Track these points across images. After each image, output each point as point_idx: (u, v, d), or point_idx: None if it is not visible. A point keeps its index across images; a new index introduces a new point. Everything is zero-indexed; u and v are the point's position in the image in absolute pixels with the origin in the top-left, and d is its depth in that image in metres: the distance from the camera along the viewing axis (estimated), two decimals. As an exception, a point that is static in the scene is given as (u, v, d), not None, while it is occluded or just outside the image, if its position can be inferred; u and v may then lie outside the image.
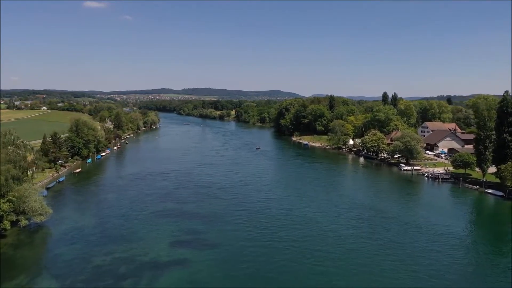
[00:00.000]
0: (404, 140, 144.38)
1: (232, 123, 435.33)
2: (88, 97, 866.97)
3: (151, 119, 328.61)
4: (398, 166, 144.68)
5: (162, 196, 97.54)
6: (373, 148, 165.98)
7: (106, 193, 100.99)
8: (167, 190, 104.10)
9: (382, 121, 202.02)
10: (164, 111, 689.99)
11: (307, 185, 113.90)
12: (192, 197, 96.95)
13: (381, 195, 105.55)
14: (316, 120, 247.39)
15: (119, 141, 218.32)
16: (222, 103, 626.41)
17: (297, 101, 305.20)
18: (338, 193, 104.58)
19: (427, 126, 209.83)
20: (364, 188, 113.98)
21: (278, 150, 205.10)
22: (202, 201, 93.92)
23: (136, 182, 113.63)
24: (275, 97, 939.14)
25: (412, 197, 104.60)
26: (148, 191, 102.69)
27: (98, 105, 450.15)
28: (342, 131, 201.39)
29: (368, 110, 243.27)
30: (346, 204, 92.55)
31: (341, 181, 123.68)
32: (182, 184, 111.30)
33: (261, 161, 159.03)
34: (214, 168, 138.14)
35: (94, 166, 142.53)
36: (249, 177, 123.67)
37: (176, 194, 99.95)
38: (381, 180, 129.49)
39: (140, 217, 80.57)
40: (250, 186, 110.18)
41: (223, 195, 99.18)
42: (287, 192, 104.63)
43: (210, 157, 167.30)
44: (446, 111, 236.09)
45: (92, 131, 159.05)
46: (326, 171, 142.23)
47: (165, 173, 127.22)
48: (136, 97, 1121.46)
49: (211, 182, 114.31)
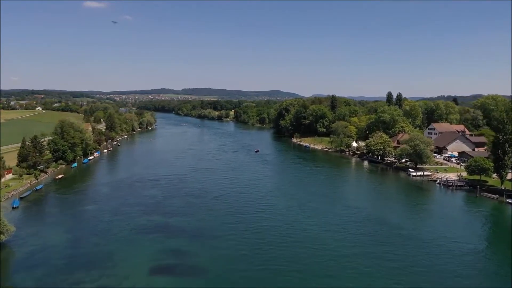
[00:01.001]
0: (412, 143, 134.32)
1: (231, 123, 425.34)
2: (87, 97, 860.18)
3: (146, 119, 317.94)
4: (407, 172, 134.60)
5: (148, 208, 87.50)
6: (378, 152, 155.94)
7: (86, 203, 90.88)
8: (155, 200, 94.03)
9: (387, 123, 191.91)
10: (163, 111, 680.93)
11: (309, 193, 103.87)
12: (181, 209, 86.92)
13: (390, 205, 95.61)
14: (317, 121, 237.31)
15: (110, 144, 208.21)
16: (221, 103, 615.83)
17: (297, 101, 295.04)
18: (343, 203, 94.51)
19: (434, 128, 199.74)
20: (372, 198, 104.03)
21: (278, 153, 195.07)
22: (193, 213, 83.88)
23: (121, 190, 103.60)
24: (275, 97, 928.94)
25: (425, 208, 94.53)
26: (133, 201, 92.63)
27: (94, 106, 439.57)
28: (345, 133, 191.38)
29: (371, 110, 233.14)
30: (353, 217, 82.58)
31: (346, 189, 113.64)
32: (172, 193, 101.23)
33: (259, 165, 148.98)
34: (208, 174, 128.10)
35: (79, 171, 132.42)
36: (246, 184, 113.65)
37: (164, 205, 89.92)
38: (389, 187, 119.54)
39: (120, 234, 70.51)
40: (246, 195, 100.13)
41: (216, 206, 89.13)
42: (287, 202, 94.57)
43: (205, 161, 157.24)
44: (454, 112, 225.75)
45: (79, 133, 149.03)
46: (329, 177, 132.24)
47: (155, 180, 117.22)
48: (136, 97, 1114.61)
49: (204, 191, 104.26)
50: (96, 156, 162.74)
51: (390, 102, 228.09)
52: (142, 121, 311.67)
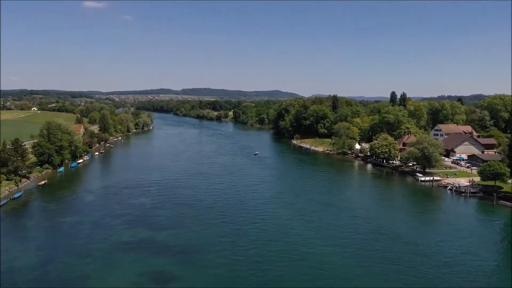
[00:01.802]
0: (420, 146, 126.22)
1: (229, 124, 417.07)
2: (86, 98, 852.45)
3: (143, 120, 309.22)
4: (414, 176, 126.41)
5: (133, 219, 79.36)
6: (383, 155, 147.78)
7: (66, 214, 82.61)
8: (142, 210, 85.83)
9: (391, 124, 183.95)
10: (162, 111, 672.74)
11: (311, 202, 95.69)
12: (170, 221, 78.76)
13: (400, 215, 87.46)
14: (318, 122, 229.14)
15: (103, 146, 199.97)
16: (221, 104, 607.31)
17: (297, 102, 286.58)
18: (348, 213, 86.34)
19: (440, 129, 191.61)
20: (379, 207, 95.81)
21: (278, 155, 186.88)
22: (182, 226, 75.71)
23: (107, 199, 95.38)
24: (275, 97, 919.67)
25: (438, 219, 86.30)
26: (118, 212, 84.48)
27: (90, 106, 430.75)
28: (347, 134, 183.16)
29: (374, 111, 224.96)
30: (360, 229, 74.47)
31: (351, 197, 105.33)
32: (161, 202, 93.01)
33: (258, 169, 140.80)
34: (203, 179, 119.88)
35: (65, 176, 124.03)
36: (243, 191, 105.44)
37: (151, 216, 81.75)
38: (397, 194, 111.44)
39: (98, 252, 62.33)
40: (243, 204, 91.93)
41: (209, 218, 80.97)
42: (288, 212, 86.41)
43: (200, 164, 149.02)
44: (460, 112, 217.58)
45: (67, 136, 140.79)
46: (332, 182, 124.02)
47: (144, 186, 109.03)
48: (135, 97, 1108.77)
49: (197, 199, 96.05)
50: (86, 160, 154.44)
51: (393, 102, 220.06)
52: (138, 122, 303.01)
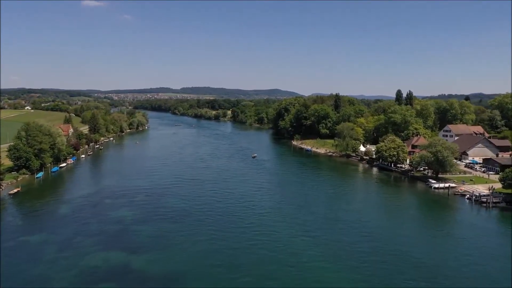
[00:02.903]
0: (434, 149, 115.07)
1: (228, 124, 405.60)
2: (84, 96, 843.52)
3: (137, 120, 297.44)
4: (427, 183, 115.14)
5: (109, 238, 68.19)
6: (391, 158, 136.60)
7: (31, 231, 71.32)
8: (121, 226, 74.62)
9: (398, 124, 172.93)
10: (159, 110, 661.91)
11: (315, 216, 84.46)
12: (152, 240, 67.59)
13: (417, 232, 76.39)
14: (319, 122, 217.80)
15: (92, 147, 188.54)
16: (219, 102, 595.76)
17: (297, 101, 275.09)
18: (358, 231, 75.06)
19: (450, 130, 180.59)
20: (391, 220, 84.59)
21: (277, 158, 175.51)
22: (165, 247, 64.50)
23: (83, 211, 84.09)
24: (275, 96, 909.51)
25: (463, 237, 74.62)
26: (93, 228, 73.28)
27: (85, 105, 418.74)
28: (351, 135, 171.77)
29: (379, 110, 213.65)
30: (374, 251, 63.29)
31: (359, 208, 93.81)
32: (144, 215, 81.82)
33: (256, 175, 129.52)
34: (194, 187, 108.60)
35: (43, 183, 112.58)
36: (239, 201, 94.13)
37: (130, 234, 70.55)
38: (409, 204, 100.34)
39: (57, 284, 51.20)
40: (237, 218, 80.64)
41: (198, 236, 69.77)
42: (290, 229, 75.11)
43: (193, 169, 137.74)
44: (469, 112, 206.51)
45: (47, 138, 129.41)
46: (336, 190, 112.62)
47: (128, 195, 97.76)
48: (134, 96, 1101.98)
49: (186, 211, 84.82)
50: (70, 163, 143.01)
51: (399, 101, 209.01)
52: (132, 122, 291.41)
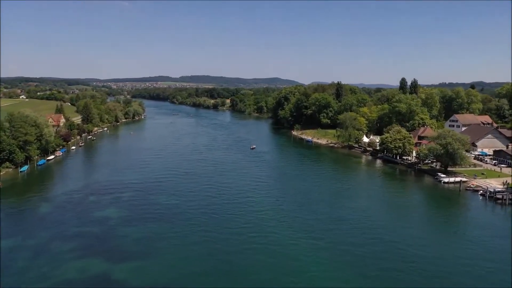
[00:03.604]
0: (443, 141, 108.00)
1: (226, 113, 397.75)
2: (82, 85, 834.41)
3: (133, 109, 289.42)
4: (435, 177, 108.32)
5: (90, 243, 61.50)
6: (396, 150, 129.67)
7: (5, 234, 64.32)
8: (105, 228, 67.94)
9: (403, 114, 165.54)
10: (158, 99, 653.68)
11: (318, 215, 77.75)
12: (137, 245, 60.93)
13: (429, 234, 69.78)
14: (320, 112, 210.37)
15: (84, 138, 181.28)
16: (218, 91, 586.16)
17: (298, 89, 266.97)
18: (366, 232, 68.42)
19: (457, 120, 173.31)
20: (401, 220, 77.76)
21: (277, 149, 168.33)
22: (152, 253, 57.85)
23: (66, 210, 77.40)
24: (274, 84, 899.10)
25: (476, 237, 67.91)
26: (74, 230, 66.60)
27: (81, 94, 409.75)
28: (354, 125, 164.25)
29: (382, 99, 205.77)
30: (385, 256, 56.76)
31: (365, 206, 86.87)
32: (132, 214, 75.17)
33: (254, 168, 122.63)
34: (189, 181, 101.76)
35: (27, 178, 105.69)
36: (235, 198, 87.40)
37: (114, 237, 63.88)
38: (419, 201, 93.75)
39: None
40: (234, 218, 73.91)
41: (189, 238, 63.14)
42: (291, 230, 68.38)
43: (188, 161, 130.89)
44: (476, 101, 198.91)
45: (34, 129, 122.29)
46: (339, 185, 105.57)
47: (117, 191, 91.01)
48: (133, 84, 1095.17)
49: (177, 210, 78.14)
50: (59, 155, 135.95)
51: (403, 89, 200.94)
52: (128, 111, 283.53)
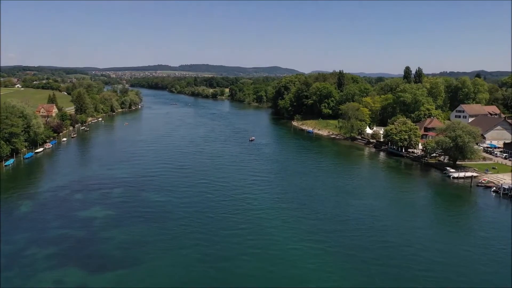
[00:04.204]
0: (453, 133, 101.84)
1: (225, 102, 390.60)
2: (81, 74, 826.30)
3: (129, 99, 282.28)
4: (444, 171, 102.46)
5: (69, 248, 55.77)
6: (402, 142, 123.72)
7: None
8: (87, 231, 62.05)
9: (408, 104, 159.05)
10: (156, 88, 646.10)
11: (322, 215, 72.13)
12: (122, 250, 55.25)
13: (441, 235, 64.05)
14: (321, 101, 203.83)
15: (77, 129, 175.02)
16: (217, 80, 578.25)
17: (298, 78, 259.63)
18: (374, 234, 62.74)
19: (463, 110, 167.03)
20: (410, 220, 71.84)
21: (276, 141, 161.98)
22: (136, 262, 52.17)
23: (47, 209, 71.58)
24: (274, 73, 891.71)
25: (492, 240, 62.15)
26: (53, 233, 60.84)
27: (77, 83, 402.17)
28: (357, 116, 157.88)
29: (385, 89, 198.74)
30: (399, 264, 51.13)
31: (371, 205, 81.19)
32: (120, 214, 69.35)
33: (253, 162, 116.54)
34: (182, 176, 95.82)
35: (12, 172, 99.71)
36: (232, 195, 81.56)
37: (97, 242, 58.08)
38: (426, 198, 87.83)
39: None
40: (229, 217, 68.22)
41: (180, 243, 57.44)
42: (293, 233, 62.71)
43: (184, 154, 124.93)
44: (483, 91, 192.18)
45: (21, 120, 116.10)
46: (343, 180, 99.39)
47: (106, 187, 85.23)
48: (132, 73, 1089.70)
49: (169, 209, 72.34)
50: (48, 148, 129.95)
51: (408, 78, 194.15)
52: (124, 101, 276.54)
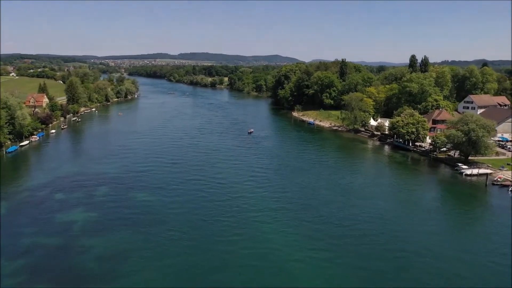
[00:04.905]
0: (466, 127, 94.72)
1: (224, 91, 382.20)
2: (79, 62, 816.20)
3: (125, 88, 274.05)
4: (456, 168, 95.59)
5: (41, 261, 49.18)
6: (409, 135, 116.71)
7: None
8: (64, 239, 55.39)
9: (414, 95, 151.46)
10: (155, 77, 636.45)
11: (325, 219, 65.40)
12: (100, 264, 48.60)
13: (460, 245, 57.41)
14: (323, 91, 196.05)
15: (68, 120, 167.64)
16: (217, 69, 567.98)
17: (298, 67, 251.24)
18: (388, 246, 56.20)
19: (472, 101, 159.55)
20: (425, 225, 65.20)
21: (276, 134, 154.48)
22: (115, 279, 45.66)
23: (22, 213, 64.65)
24: (274, 62, 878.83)
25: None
26: (24, 242, 54.09)
27: (72, 71, 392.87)
28: (360, 107, 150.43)
29: (390, 78, 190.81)
30: (411, 277, 44.60)
31: (381, 208, 74.41)
32: (102, 218, 62.63)
33: (251, 157, 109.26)
34: (174, 174, 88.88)
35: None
36: (228, 196, 74.72)
37: (73, 253, 51.43)
38: (440, 199, 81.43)
39: None
40: (223, 223, 61.56)
41: (166, 254, 50.78)
42: (292, 241, 56.17)
43: (177, 147, 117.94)
44: (491, 80, 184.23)
45: (4, 111, 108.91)
46: (349, 178, 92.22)
47: (89, 186, 78.36)
48: (131, 62, 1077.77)
49: (157, 212, 65.63)
50: (35, 140, 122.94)
51: (413, 68, 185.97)
52: (119, 90, 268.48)
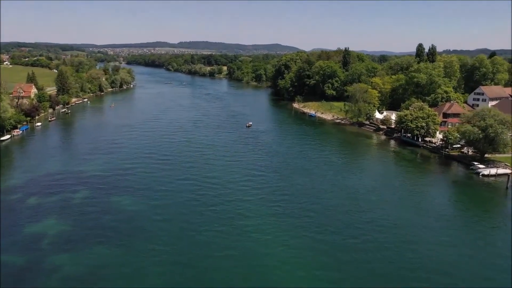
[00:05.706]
0: (483, 123, 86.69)
1: (223, 81, 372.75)
2: (77, 51, 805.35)
3: (120, 78, 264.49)
4: (471, 167, 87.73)
5: None
6: (419, 130, 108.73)
7: None
8: (31, 254, 47.85)
9: (422, 86, 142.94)
10: (153, 66, 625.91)
11: (330, 229, 57.86)
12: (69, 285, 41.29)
13: (487, 260, 49.96)
14: (325, 82, 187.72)
15: (57, 112, 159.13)
16: (216, 58, 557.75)
17: (299, 56, 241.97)
18: (402, 262, 48.72)
19: (483, 92, 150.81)
20: (443, 235, 57.37)
21: (276, 127, 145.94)
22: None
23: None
24: (275, 51, 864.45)
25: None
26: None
27: (68, 60, 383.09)
28: (365, 99, 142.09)
29: (395, 68, 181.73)
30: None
31: (392, 215, 66.86)
32: (77, 228, 55.00)
33: (249, 153, 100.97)
34: (163, 174, 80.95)
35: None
36: (221, 200, 67.05)
37: (39, 275, 44.00)
38: (456, 203, 73.70)
39: None
40: (215, 234, 53.95)
41: (142, 270, 43.31)
42: (292, 257, 48.68)
43: (170, 143, 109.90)
44: (502, 71, 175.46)
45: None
46: (355, 180, 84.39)
47: (68, 188, 70.64)
48: (130, 50, 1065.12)
49: (140, 221, 57.97)
50: (17, 135, 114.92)
51: (420, 57, 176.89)
52: (114, 80, 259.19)
